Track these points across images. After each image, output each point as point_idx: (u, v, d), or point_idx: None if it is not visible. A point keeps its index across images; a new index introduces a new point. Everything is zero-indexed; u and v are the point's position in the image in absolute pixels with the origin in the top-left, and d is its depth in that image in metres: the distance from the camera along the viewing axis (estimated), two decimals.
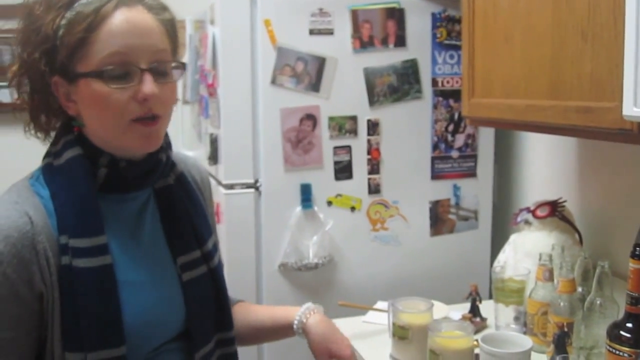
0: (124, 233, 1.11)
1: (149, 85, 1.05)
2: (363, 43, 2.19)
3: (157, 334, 1.13)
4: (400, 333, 1.65)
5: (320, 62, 2.16)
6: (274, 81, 2.13)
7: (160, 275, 1.15)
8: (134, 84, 1.05)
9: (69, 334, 1.03)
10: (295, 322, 1.35)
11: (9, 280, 1.00)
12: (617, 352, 1.38)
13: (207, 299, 1.21)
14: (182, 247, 1.19)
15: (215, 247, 1.29)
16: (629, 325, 1.38)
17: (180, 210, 1.20)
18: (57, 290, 1.02)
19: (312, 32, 2.14)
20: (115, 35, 1.03)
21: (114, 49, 1.03)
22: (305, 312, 1.36)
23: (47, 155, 1.13)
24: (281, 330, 1.37)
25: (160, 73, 1.08)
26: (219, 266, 1.27)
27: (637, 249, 1.35)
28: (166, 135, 1.17)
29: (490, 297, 2.06)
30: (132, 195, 1.15)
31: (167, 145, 1.18)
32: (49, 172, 1.10)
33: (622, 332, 1.38)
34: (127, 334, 1.05)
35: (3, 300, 1.00)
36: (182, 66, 1.12)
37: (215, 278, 1.24)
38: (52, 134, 1.15)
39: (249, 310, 1.42)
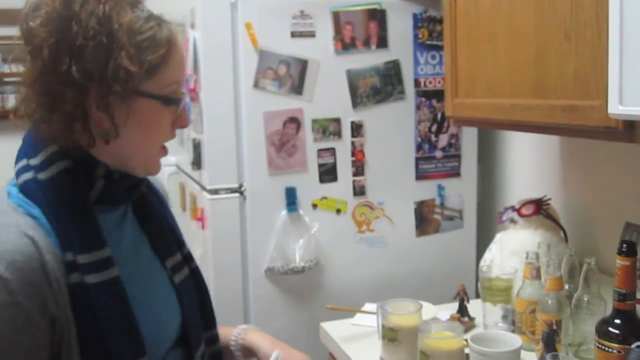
0: (118, 245, 1.07)
1: (188, 115, 1.11)
2: (345, 45, 2.19)
3: (163, 342, 1.12)
4: (390, 335, 1.64)
5: (303, 64, 2.15)
6: (256, 85, 2.12)
7: (155, 283, 1.14)
8: (179, 110, 1.09)
9: (92, 354, 0.99)
10: (232, 342, 1.33)
11: (22, 309, 0.91)
12: (606, 349, 1.39)
13: (194, 299, 1.21)
14: (166, 250, 1.18)
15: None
16: (617, 321, 1.39)
17: (157, 215, 1.19)
18: (70, 312, 0.96)
19: (293, 34, 2.13)
20: (179, 66, 1.07)
21: (177, 78, 1.06)
22: (240, 332, 1.34)
23: (23, 170, 1.02)
24: (225, 352, 1.33)
25: None
26: (198, 267, 1.26)
27: (624, 245, 1.36)
28: None
29: (477, 296, 2.06)
30: (116, 207, 1.11)
31: None
32: (34, 188, 1.01)
33: (610, 329, 1.39)
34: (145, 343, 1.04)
35: (18, 332, 0.91)
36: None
37: (197, 278, 1.24)
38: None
39: None
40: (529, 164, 2.34)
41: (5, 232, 0.94)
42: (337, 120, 2.22)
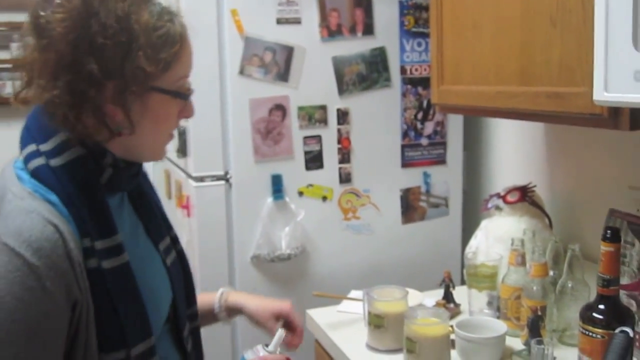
0: (120, 229, 1.09)
1: (193, 106, 1.15)
2: (331, 32, 2.18)
3: (160, 319, 1.17)
4: (376, 321, 1.65)
5: (289, 51, 2.14)
6: (242, 72, 2.11)
7: (150, 264, 1.18)
8: (183, 102, 1.12)
9: (108, 335, 1.03)
10: (216, 306, 1.44)
11: (48, 294, 0.94)
12: (590, 334, 1.40)
13: (181, 279, 1.27)
14: (158, 234, 1.23)
15: None
16: (601, 307, 1.40)
17: (149, 200, 1.24)
18: (90, 295, 1.00)
19: (279, 21, 2.12)
20: (189, 60, 1.11)
21: (186, 72, 1.10)
22: (222, 295, 1.45)
23: (34, 155, 1.03)
24: (207, 315, 1.44)
25: None
26: (183, 249, 1.32)
27: (608, 231, 1.37)
28: None
29: (463, 283, 2.07)
30: (115, 193, 1.13)
31: None
32: (47, 174, 1.02)
33: (594, 314, 1.40)
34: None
35: (48, 317, 0.95)
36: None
37: (182, 260, 1.30)
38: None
39: None
40: (514, 151, 2.35)
41: (29, 218, 0.95)
42: (323, 108, 2.21)
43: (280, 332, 1.25)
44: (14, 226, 0.95)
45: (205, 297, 1.44)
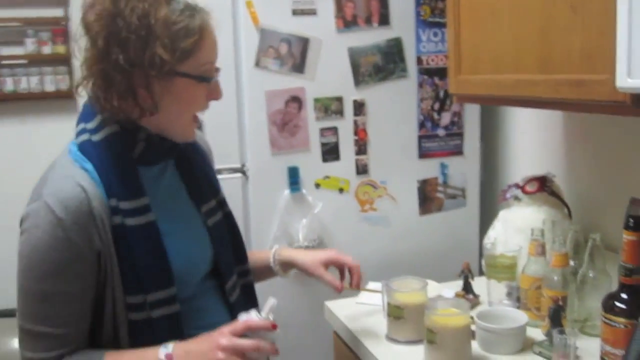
0: (155, 195, 1.29)
1: (221, 89, 1.32)
2: (347, 22, 2.17)
3: (194, 272, 1.34)
4: (396, 313, 1.64)
5: (304, 42, 2.13)
6: (257, 63, 2.11)
7: (188, 224, 1.37)
8: (210, 86, 1.28)
9: (128, 281, 1.22)
10: (272, 262, 1.63)
11: (72, 243, 1.17)
12: (613, 323, 1.39)
13: (226, 238, 1.45)
14: (202, 197, 1.41)
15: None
16: (624, 296, 1.39)
17: (196, 168, 1.42)
18: (113, 247, 1.21)
19: (295, 12, 2.11)
20: (212, 48, 1.27)
21: (210, 59, 1.26)
22: (275, 252, 1.64)
23: (82, 132, 1.27)
24: (265, 270, 1.64)
25: None
26: (231, 210, 1.50)
27: (630, 220, 1.35)
28: None
29: (481, 274, 2.06)
30: (156, 164, 1.33)
31: None
32: (89, 147, 1.24)
33: (616, 303, 1.39)
34: (174, 275, 1.26)
35: (70, 261, 1.18)
36: (219, 70, 1.32)
37: (229, 221, 1.48)
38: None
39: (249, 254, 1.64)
40: (532, 141, 2.33)
41: (64, 182, 1.19)
42: (339, 99, 2.21)
43: (270, 301, 1.29)
44: (53, 188, 1.19)
45: (262, 254, 1.66)
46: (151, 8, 1.18)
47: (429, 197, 2.37)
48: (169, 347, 1.20)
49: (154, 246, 1.24)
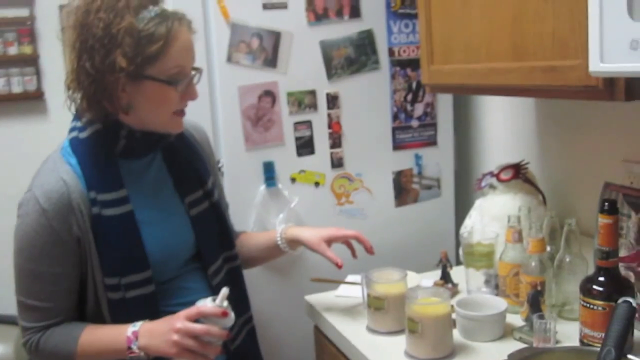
0: (139, 186, 1.46)
1: (196, 90, 1.46)
2: (318, 16, 2.16)
3: (172, 257, 1.49)
4: (376, 304, 1.65)
5: (276, 37, 2.12)
6: (229, 59, 2.09)
7: (170, 213, 1.51)
8: (183, 87, 1.41)
9: (106, 265, 1.40)
10: (278, 240, 1.75)
11: (54, 230, 1.36)
12: (591, 306, 1.41)
13: (211, 226, 1.57)
14: (187, 189, 1.54)
15: (214, 184, 1.63)
16: (601, 279, 1.41)
17: (182, 159, 1.54)
18: (91, 234, 1.39)
19: (265, 6, 2.10)
20: (180, 53, 1.38)
21: (178, 63, 1.38)
22: (282, 230, 1.77)
23: (72, 130, 1.45)
24: (273, 249, 1.77)
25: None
26: (219, 200, 1.63)
27: (606, 203, 1.37)
28: None
29: (458, 263, 2.07)
30: (141, 157, 1.47)
31: None
32: (76, 143, 1.43)
33: (594, 286, 1.41)
34: (150, 260, 1.42)
35: (52, 245, 1.37)
36: (200, 71, 1.47)
37: (216, 210, 1.60)
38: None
39: (251, 237, 1.84)
40: (505, 129, 2.34)
41: (50, 175, 1.39)
42: (313, 93, 2.20)
43: (224, 290, 1.37)
44: (40, 180, 1.39)
45: (269, 234, 1.80)
46: (116, 18, 1.32)
47: (404, 189, 2.37)
48: (137, 325, 1.38)
49: (129, 234, 1.41)
